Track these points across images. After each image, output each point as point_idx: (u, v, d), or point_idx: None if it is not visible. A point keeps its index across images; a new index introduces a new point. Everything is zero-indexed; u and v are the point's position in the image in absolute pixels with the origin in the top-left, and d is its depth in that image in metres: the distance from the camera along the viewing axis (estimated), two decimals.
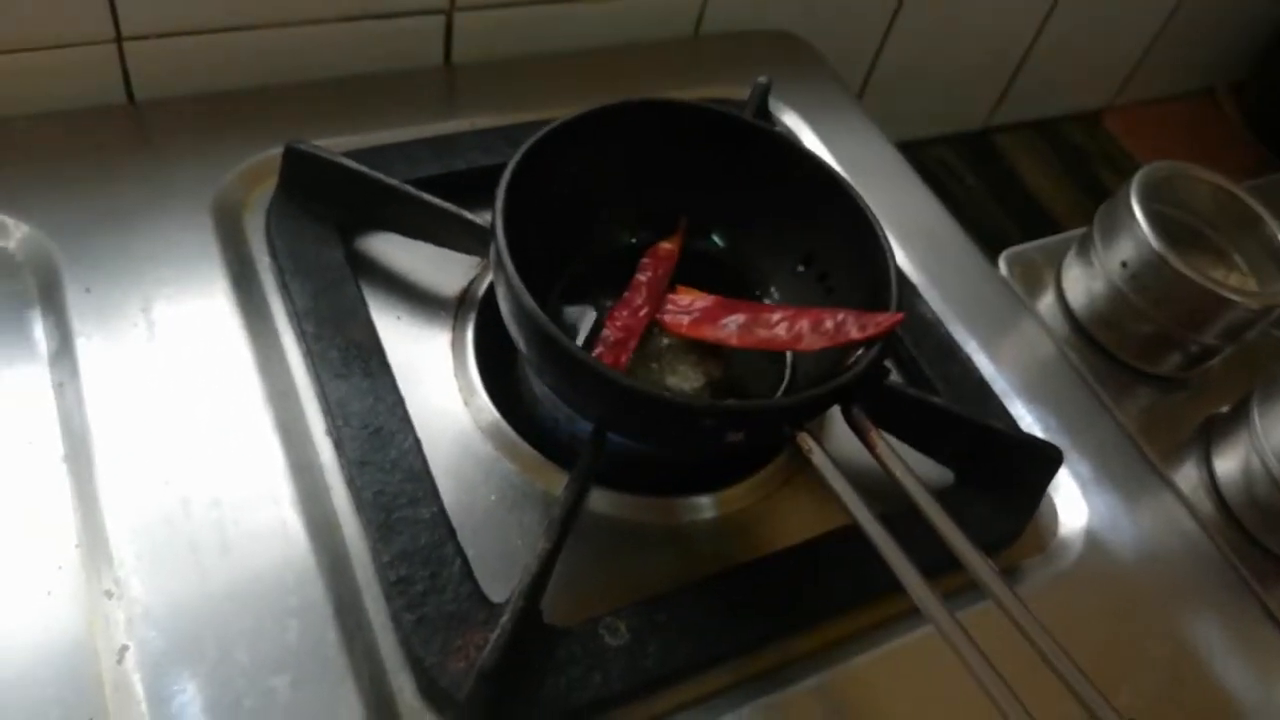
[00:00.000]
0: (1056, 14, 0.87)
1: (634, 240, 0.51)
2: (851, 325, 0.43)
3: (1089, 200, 0.94)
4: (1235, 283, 0.59)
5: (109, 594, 0.39)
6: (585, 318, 0.50)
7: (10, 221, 0.48)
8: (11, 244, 0.48)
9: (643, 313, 0.48)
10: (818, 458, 0.39)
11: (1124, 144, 1.00)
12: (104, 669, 0.37)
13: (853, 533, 0.45)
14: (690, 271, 0.51)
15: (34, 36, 0.52)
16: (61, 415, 0.43)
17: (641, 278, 0.49)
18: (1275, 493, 0.53)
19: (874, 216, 0.46)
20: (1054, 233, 0.79)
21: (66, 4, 0.51)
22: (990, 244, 0.73)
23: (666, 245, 0.51)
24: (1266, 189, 0.73)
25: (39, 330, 0.45)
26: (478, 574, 0.41)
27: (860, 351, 0.41)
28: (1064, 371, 0.58)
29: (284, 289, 0.48)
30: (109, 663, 0.37)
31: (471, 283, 0.52)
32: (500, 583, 0.41)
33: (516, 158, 0.43)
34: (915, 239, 0.61)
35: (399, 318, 0.50)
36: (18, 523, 0.40)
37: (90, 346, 0.45)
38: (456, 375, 0.48)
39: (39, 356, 0.45)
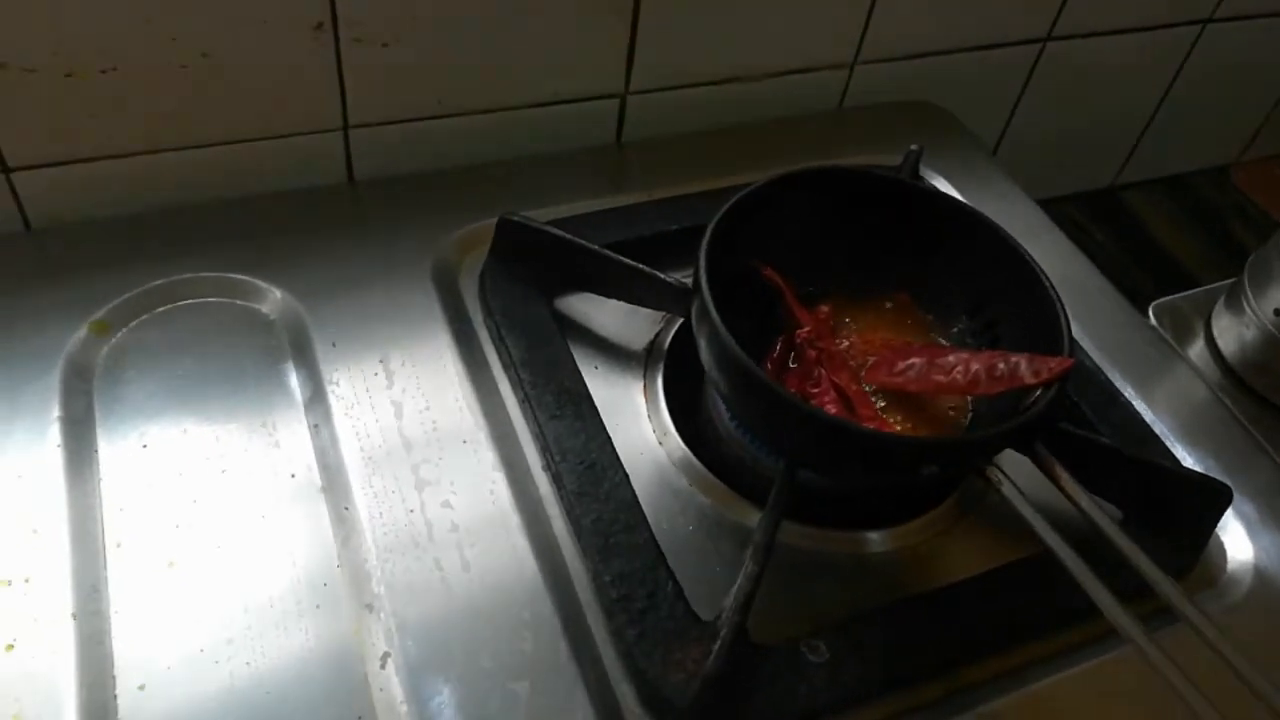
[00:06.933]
0: (1185, 73, 0.90)
1: (811, 289, 0.55)
2: (1025, 370, 0.46)
3: (1222, 254, 0.95)
4: None
5: (369, 607, 0.44)
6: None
7: (265, 287, 0.55)
8: (265, 307, 0.55)
9: (823, 380, 0.50)
10: (1007, 489, 0.42)
11: (1252, 198, 1.01)
12: (369, 673, 0.42)
13: (1025, 566, 0.49)
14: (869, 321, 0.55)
15: (275, 126, 0.60)
16: (318, 452, 0.49)
17: (812, 352, 0.51)
18: None
19: (1040, 268, 0.50)
20: (1187, 286, 0.81)
21: (306, 97, 0.59)
22: (1126, 297, 0.76)
23: (824, 308, 0.54)
24: None
25: (294, 380, 0.52)
26: None
27: (1039, 392, 0.45)
28: (1220, 416, 0.59)
29: (500, 342, 0.53)
30: (373, 667, 0.43)
31: (658, 335, 0.57)
32: (702, 604, 0.45)
33: (714, 221, 0.48)
34: (1064, 290, 0.62)
35: (596, 367, 0.55)
36: (289, 546, 0.46)
37: (339, 393, 0.51)
38: (650, 417, 0.53)
39: (295, 403, 0.51)
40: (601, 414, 0.51)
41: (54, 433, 0.48)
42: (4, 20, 0.50)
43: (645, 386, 0.55)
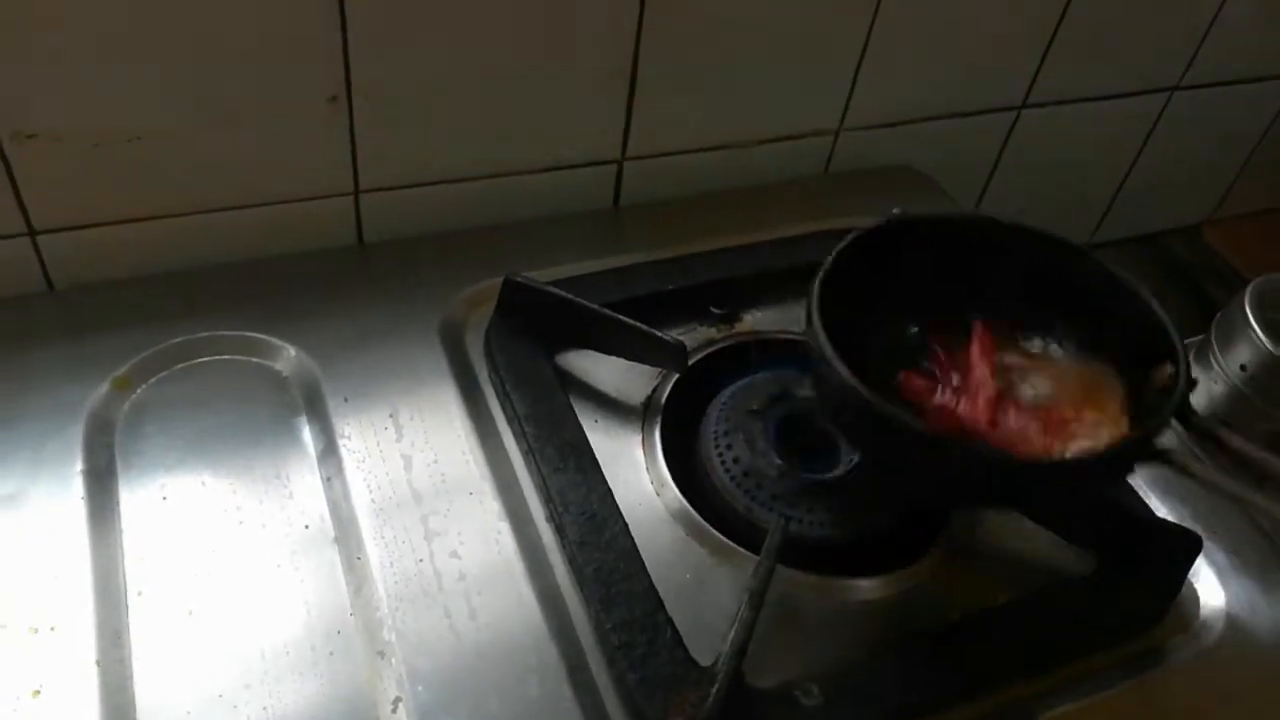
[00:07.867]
0: (1155, 137, 0.94)
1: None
2: None
3: (1194, 310, 0.99)
4: None
5: (381, 654, 0.46)
6: None
7: (280, 345, 0.58)
8: (280, 364, 0.58)
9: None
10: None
11: (1224, 256, 1.05)
12: (381, 717, 0.44)
13: (1011, 609, 0.51)
14: None
15: (291, 192, 0.63)
16: (330, 503, 0.52)
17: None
18: None
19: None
20: None
21: (320, 165, 0.62)
22: None
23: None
24: None
25: (307, 434, 0.54)
26: None
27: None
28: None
29: (505, 397, 0.56)
30: (385, 711, 0.44)
31: (655, 390, 0.60)
32: (700, 650, 0.47)
33: (825, 265, 0.51)
34: None
35: (597, 421, 0.58)
36: (303, 595, 0.48)
37: (350, 446, 0.53)
38: (648, 469, 0.56)
39: (309, 456, 0.54)
40: (602, 466, 0.53)
41: (77, 485, 0.50)
42: (38, 94, 0.53)
43: (643, 440, 0.57)
